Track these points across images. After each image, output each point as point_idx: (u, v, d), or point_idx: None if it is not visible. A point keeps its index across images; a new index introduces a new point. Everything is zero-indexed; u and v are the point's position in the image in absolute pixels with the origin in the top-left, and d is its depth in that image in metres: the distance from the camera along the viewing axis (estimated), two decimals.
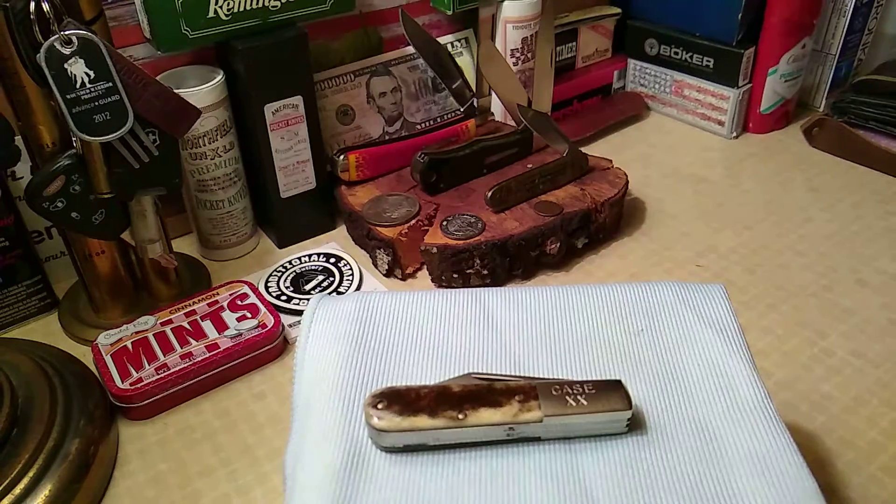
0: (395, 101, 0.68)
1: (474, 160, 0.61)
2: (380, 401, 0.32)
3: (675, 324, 0.39)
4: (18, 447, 0.39)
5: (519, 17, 0.67)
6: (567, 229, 0.56)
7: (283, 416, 0.45)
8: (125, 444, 0.44)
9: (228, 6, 0.53)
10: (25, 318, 0.54)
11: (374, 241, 0.56)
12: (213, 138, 0.55)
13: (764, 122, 0.77)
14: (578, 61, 0.81)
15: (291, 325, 0.52)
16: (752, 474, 0.31)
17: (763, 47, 0.73)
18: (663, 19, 0.78)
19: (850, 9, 0.73)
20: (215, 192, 0.57)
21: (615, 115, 0.79)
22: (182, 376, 0.46)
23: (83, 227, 0.47)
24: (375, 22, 0.66)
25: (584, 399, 0.32)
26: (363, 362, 0.36)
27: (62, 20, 0.40)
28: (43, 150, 0.46)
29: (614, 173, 0.62)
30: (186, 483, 0.42)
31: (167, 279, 0.54)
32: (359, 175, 0.61)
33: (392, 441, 0.32)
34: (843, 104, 0.72)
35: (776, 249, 0.60)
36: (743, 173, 0.71)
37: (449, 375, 0.36)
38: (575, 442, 0.32)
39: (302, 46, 0.55)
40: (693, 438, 0.32)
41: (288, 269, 0.57)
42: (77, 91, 0.41)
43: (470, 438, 0.32)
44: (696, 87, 0.77)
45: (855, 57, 0.79)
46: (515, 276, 0.56)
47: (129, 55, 0.52)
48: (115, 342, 0.48)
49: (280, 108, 0.56)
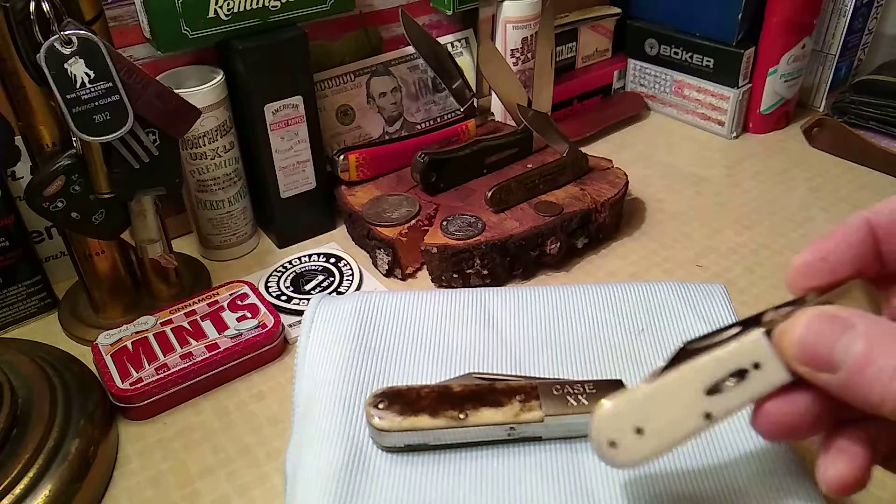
0: (395, 101, 0.68)
1: (474, 160, 0.61)
2: (381, 401, 0.32)
3: (676, 323, 0.39)
4: (18, 447, 0.39)
5: (519, 17, 0.67)
6: (567, 229, 0.56)
7: (282, 416, 0.45)
8: (125, 444, 0.44)
9: (228, 6, 0.53)
10: (25, 318, 0.54)
11: (374, 241, 0.56)
12: (213, 138, 0.55)
13: (764, 122, 0.77)
14: (578, 61, 0.81)
15: (291, 325, 0.52)
16: (752, 476, 0.31)
17: (763, 47, 0.73)
18: (663, 19, 0.78)
19: (850, 9, 0.73)
20: (215, 192, 0.57)
21: (615, 115, 0.79)
22: (182, 376, 0.46)
23: (83, 227, 0.47)
24: (375, 22, 0.66)
25: (585, 399, 0.32)
26: (364, 362, 0.36)
27: (62, 20, 0.40)
28: (43, 150, 0.46)
29: (614, 173, 0.62)
30: (186, 483, 0.42)
31: (167, 279, 0.54)
32: (359, 175, 0.61)
33: (393, 441, 0.32)
34: (843, 104, 0.72)
35: (776, 249, 0.60)
36: (743, 173, 0.71)
37: (450, 375, 0.36)
38: (576, 441, 0.32)
39: (302, 46, 0.55)
40: (693, 439, 0.32)
41: (288, 269, 0.57)
42: (77, 91, 0.41)
43: (471, 438, 0.32)
44: (696, 87, 0.77)
45: (855, 57, 0.79)
46: (515, 276, 0.56)
47: (129, 55, 0.52)
48: (115, 342, 0.48)
49: (280, 108, 0.56)
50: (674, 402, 0.26)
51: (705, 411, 0.26)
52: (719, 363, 0.26)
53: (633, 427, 0.26)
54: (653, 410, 0.26)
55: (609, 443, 0.26)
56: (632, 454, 0.26)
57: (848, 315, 0.24)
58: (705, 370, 0.26)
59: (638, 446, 0.26)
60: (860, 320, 0.24)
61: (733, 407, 0.26)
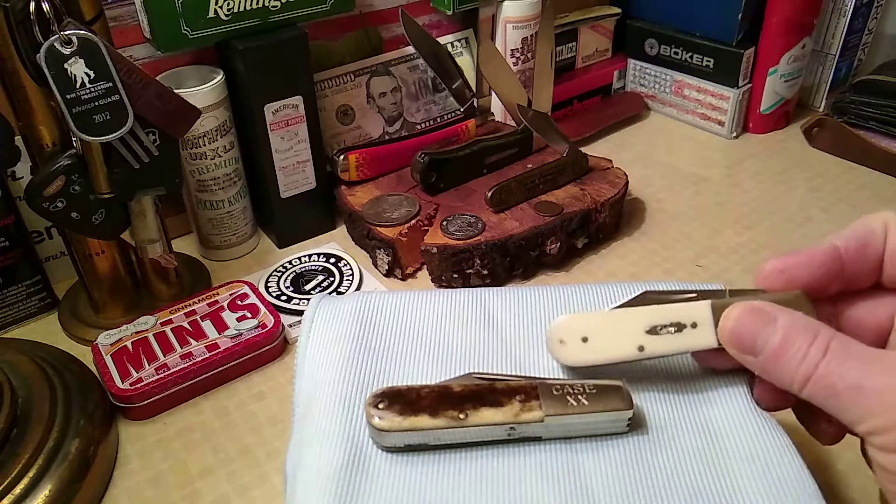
0: (395, 101, 0.68)
1: (474, 160, 0.61)
2: (381, 401, 0.32)
3: None
4: (18, 447, 0.39)
5: (519, 17, 0.67)
6: (567, 229, 0.56)
7: (282, 416, 0.45)
8: (125, 444, 0.44)
9: (228, 6, 0.53)
10: (25, 318, 0.54)
11: (374, 241, 0.56)
12: (213, 138, 0.55)
13: (764, 122, 0.77)
14: (578, 61, 0.81)
15: (291, 325, 0.52)
16: (752, 474, 0.31)
17: (763, 47, 0.73)
18: (663, 19, 0.78)
19: (850, 9, 0.73)
20: (215, 192, 0.57)
21: (615, 115, 0.79)
22: (182, 376, 0.46)
23: (83, 227, 0.47)
24: (375, 22, 0.66)
25: (585, 399, 0.32)
26: (364, 362, 0.36)
27: (62, 20, 0.40)
28: (43, 150, 0.46)
29: (614, 173, 0.62)
30: (186, 483, 0.42)
31: (167, 279, 0.54)
32: (359, 175, 0.61)
33: (393, 441, 0.32)
34: (843, 104, 0.72)
35: (776, 249, 0.60)
36: (743, 173, 0.71)
37: (450, 375, 0.36)
38: (576, 442, 0.32)
39: (302, 46, 0.55)
40: (694, 438, 0.32)
41: (288, 269, 0.57)
42: (77, 91, 0.41)
43: (471, 438, 0.32)
44: (696, 87, 0.77)
45: (855, 57, 0.79)
46: (515, 276, 0.56)
47: (129, 55, 0.52)
48: (115, 342, 0.48)
49: (280, 108, 0.56)
50: (619, 328, 0.32)
51: (640, 344, 0.32)
52: (666, 312, 0.32)
53: (581, 336, 0.33)
54: (600, 329, 0.33)
55: (559, 340, 0.33)
56: (574, 355, 0.33)
57: (772, 310, 0.30)
58: (653, 313, 0.32)
59: (580, 350, 0.33)
60: (781, 315, 0.29)
61: (663, 349, 0.32)
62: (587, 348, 0.33)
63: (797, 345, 0.28)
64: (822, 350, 0.28)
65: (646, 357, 0.32)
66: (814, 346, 0.28)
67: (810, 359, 0.28)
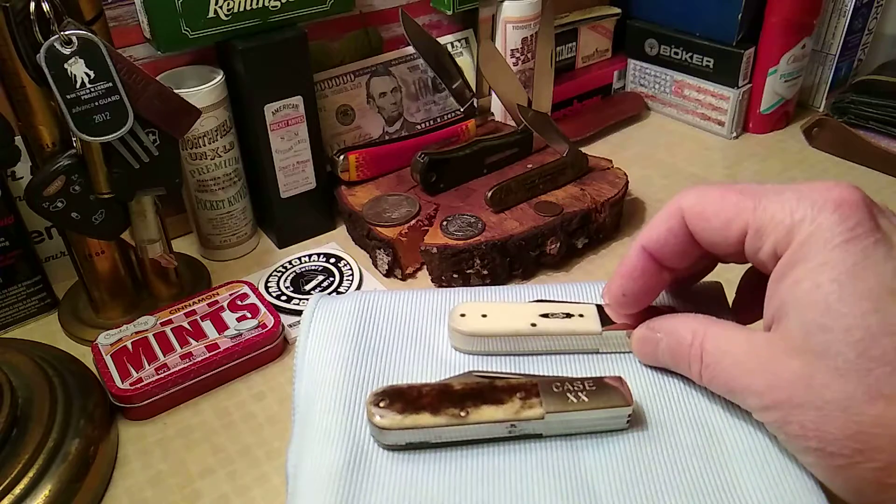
0: (395, 101, 0.68)
1: (474, 160, 0.61)
2: (381, 399, 0.32)
3: None
4: (18, 447, 0.39)
5: (519, 17, 0.67)
6: (567, 229, 0.56)
7: (282, 417, 0.45)
8: (125, 444, 0.44)
9: (228, 6, 0.53)
10: (25, 318, 0.54)
11: (374, 241, 0.56)
12: (213, 138, 0.55)
13: (764, 123, 0.77)
14: (578, 61, 0.81)
15: (291, 325, 0.52)
16: (752, 471, 0.31)
17: (763, 47, 0.73)
18: (663, 19, 0.78)
19: (850, 9, 0.74)
20: (215, 192, 0.57)
21: (615, 115, 0.79)
22: (182, 376, 0.46)
23: (83, 227, 0.47)
24: (375, 22, 0.66)
25: (586, 396, 0.32)
26: (364, 361, 0.36)
27: (62, 20, 0.40)
28: (43, 150, 0.46)
29: (614, 173, 0.62)
30: (186, 483, 0.42)
31: (167, 279, 0.54)
32: (359, 175, 0.61)
33: (394, 439, 0.32)
34: (843, 104, 0.72)
35: None
36: (743, 173, 0.71)
37: (450, 373, 0.36)
38: (576, 438, 0.32)
39: (302, 46, 0.55)
40: (694, 435, 0.32)
41: (288, 269, 0.57)
42: (77, 91, 0.41)
43: (472, 436, 0.32)
44: (696, 87, 0.77)
45: (855, 57, 0.79)
46: (515, 276, 0.56)
47: (129, 55, 0.52)
48: (115, 342, 0.48)
49: (280, 108, 0.56)
50: (516, 312, 0.37)
51: (533, 322, 0.36)
52: (558, 307, 0.37)
53: (481, 313, 0.37)
54: (499, 310, 0.37)
55: (460, 314, 0.37)
56: (471, 325, 0.37)
57: (653, 336, 0.35)
58: (548, 306, 0.37)
59: (478, 322, 0.37)
60: (663, 337, 0.34)
61: (551, 328, 0.36)
62: (485, 321, 0.37)
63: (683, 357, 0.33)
64: (698, 359, 0.32)
65: (538, 333, 0.36)
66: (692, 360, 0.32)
67: (694, 370, 0.33)
